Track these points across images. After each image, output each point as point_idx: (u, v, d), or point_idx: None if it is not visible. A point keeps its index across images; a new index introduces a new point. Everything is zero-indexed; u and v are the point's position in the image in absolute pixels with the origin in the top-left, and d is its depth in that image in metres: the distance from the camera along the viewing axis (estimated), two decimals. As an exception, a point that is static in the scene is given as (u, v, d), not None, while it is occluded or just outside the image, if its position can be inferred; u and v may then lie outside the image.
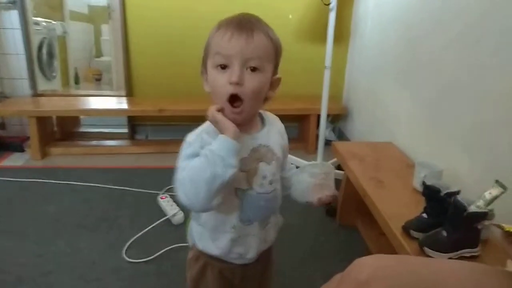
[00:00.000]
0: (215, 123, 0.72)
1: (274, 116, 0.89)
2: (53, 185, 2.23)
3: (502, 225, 0.64)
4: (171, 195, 2.02)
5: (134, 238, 1.71)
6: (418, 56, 1.85)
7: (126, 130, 3.09)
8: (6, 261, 1.57)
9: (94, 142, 3.00)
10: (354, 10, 2.89)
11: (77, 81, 4.85)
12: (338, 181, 2.02)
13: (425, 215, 1.15)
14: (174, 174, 0.74)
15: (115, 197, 2.12)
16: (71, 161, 2.65)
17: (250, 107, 0.73)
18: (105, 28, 5.28)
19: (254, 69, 0.71)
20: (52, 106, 2.84)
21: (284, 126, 0.89)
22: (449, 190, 1.11)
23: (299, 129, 3.14)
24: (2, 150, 2.76)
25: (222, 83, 0.71)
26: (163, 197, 2.01)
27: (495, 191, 0.94)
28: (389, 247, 1.22)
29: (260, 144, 0.80)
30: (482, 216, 0.98)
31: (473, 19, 1.41)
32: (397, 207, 1.31)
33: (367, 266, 0.72)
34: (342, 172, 1.84)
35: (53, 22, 3.88)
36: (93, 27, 5.49)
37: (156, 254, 1.61)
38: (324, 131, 2.39)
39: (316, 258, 1.65)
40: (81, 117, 3.31)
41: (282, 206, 0.91)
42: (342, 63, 3.03)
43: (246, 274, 0.89)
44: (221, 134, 0.70)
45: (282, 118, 0.90)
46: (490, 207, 0.98)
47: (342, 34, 2.88)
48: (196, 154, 0.71)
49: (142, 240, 1.72)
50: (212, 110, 0.72)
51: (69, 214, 1.93)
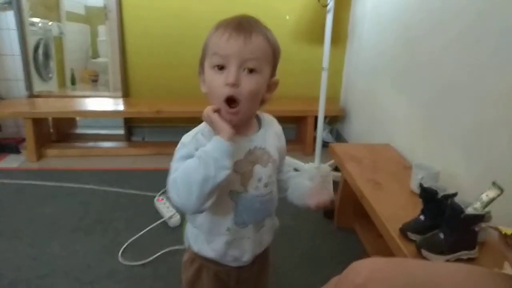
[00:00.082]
0: (210, 123, 0.72)
1: (272, 117, 0.88)
2: (48, 187, 2.22)
3: (500, 227, 0.64)
4: (168, 198, 2.01)
5: (130, 241, 1.70)
6: (416, 57, 1.85)
7: (122, 132, 3.08)
8: (1, 264, 1.55)
9: (91, 144, 2.98)
10: (351, 12, 2.89)
11: (73, 82, 4.83)
12: (335, 183, 2.03)
13: (422, 217, 1.15)
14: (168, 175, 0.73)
15: (111, 199, 2.11)
16: (67, 163, 2.63)
17: (246, 109, 0.73)
18: (101, 29, 5.25)
19: (251, 70, 0.70)
20: (48, 107, 2.83)
21: (281, 128, 0.89)
22: (446, 192, 1.11)
23: (297, 130, 3.14)
24: (-2, 152, 2.74)
25: (218, 84, 0.70)
26: (160, 199, 2.00)
27: (492, 193, 0.94)
28: (386, 249, 1.22)
29: (256, 146, 0.79)
30: (479, 218, 0.98)
31: (472, 19, 1.41)
32: (394, 209, 1.31)
33: (364, 269, 0.72)
34: (339, 174, 1.83)
35: (49, 23, 3.87)
36: (89, 28, 5.46)
37: (152, 257, 1.60)
38: (321, 133, 2.38)
39: (313, 260, 1.64)
40: (77, 118, 3.30)
41: (279, 208, 0.90)
42: (339, 65, 3.03)
43: (242, 277, 0.88)
44: (215, 136, 0.70)
45: (280, 119, 0.89)
46: (487, 209, 0.98)
47: (340, 36, 2.89)
48: (190, 156, 0.71)
49: (138, 242, 1.71)
50: (208, 110, 0.71)
51: (64, 217, 1.91)
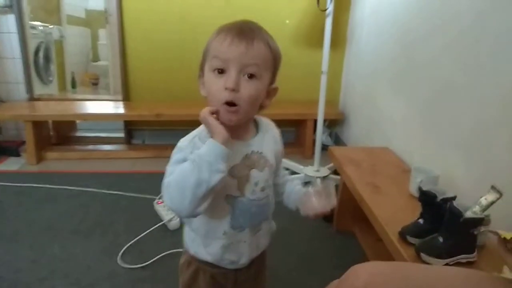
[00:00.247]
0: (207, 125, 0.72)
1: (270, 121, 0.88)
2: (48, 189, 2.22)
3: (499, 231, 0.65)
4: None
5: (129, 244, 1.70)
6: (414, 61, 1.86)
7: (122, 135, 3.08)
8: (1, 266, 1.55)
9: (91, 147, 2.99)
10: (350, 16, 2.90)
11: (74, 85, 4.84)
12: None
13: (421, 221, 1.15)
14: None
15: (111, 202, 2.11)
16: (67, 165, 2.63)
17: (245, 113, 0.73)
18: (102, 32, 5.28)
19: (251, 76, 0.71)
20: (48, 110, 2.83)
21: (280, 132, 0.88)
22: (445, 196, 1.11)
23: (296, 134, 3.14)
24: (-2, 155, 2.74)
25: (218, 88, 0.71)
26: (160, 202, 2.00)
27: (491, 197, 0.94)
28: (386, 253, 1.22)
29: (253, 150, 0.79)
30: (478, 222, 0.98)
31: (470, 22, 1.42)
32: (393, 213, 1.31)
33: (364, 272, 0.72)
34: (338, 177, 1.84)
35: (50, 26, 3.88)
36: (90, 32, 5.48)
37: (151, 260, 1.60)
38: (320, 136, 2.39)
39: (311, 263, 1.64)
40: (77, 121, 3.30)
41: (279, 211, 0.90)
42: (338, 68, 3.04)
43: (239, 279, 0.88)
44: (210, 139, 0.70)
45: (279, 122, 0.90)
46: (486, 213, 0.98)
47: (339, 39, 2.90)
48: (186, 160, 0.71)
49: (138, 245, 1.71)
50: (205, 112, 0.71)
51: (64, 219, 1.91)
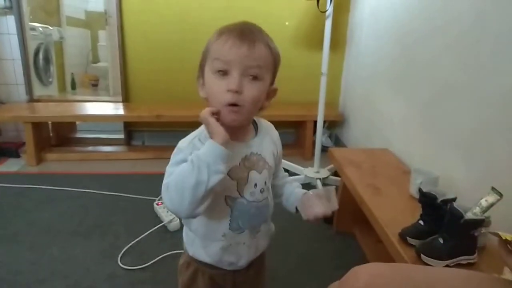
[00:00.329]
0: (207, 125, 0.72)
1: (269, 123, 0.88)
2: (48, 191, 2.22)
3: (499, 233, 0.64)
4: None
5: (129, 245, 1.70)
6: (414, 62, 1.86)
7: (122, 136, 3.08)
8: (0, 268, 1.55)
9: (90, 148, 2.99)
10: (350, 17, 2.91)
11: (73, 86, 4.84)
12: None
13: (421, 222, 1.15)
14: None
15: (111, 203, 2.11)
16: (67, 167, 2.63)
17: (248, 113, 0.74)
18: (102, 33, 5.28)
19: (254, 77, 0.71)
20: (48, 111, 2.83)
21: (279, 134, 0.88)
22: (445, 197, 1.11)
23: (296, 135, 3.14)
24: (-3, 156, 2.74)
25: (220, 90, 0.71)
26: (159, 203, 2.00)
27: (491, 199, 0.95)
28: (386, 254, 1.22)
29: (252, 152, 0.79)
30: (479, 223, 0.98)
31: (470, 23, 1.42)
32: (393, 214, 1.31)
33: (364, 273, 0.72)
34: (338, 178, 1.84)
35: (49, 28, 3.89)
36: (90, 33, 5.49)
37: (151, 261, 1.59)
38: (320, 138, 2.39)
39: (311, 264, 1.64)
40: (77, 122, 3.30)
41: (279, 212, 0.90)
42: (338, 70, 3.04)
43: (238, 280, 0.88)
44: (209, 140, 0.70)
45: (279, 124, 0.90)
46: (486, 214, 0.98)
47: (338, 41, 2.90)
48: (185, 161, 0.70)
49: (138, 246, 1.71)
50: (205, 112, 0.71)
51: (64, 221, 1.91)
